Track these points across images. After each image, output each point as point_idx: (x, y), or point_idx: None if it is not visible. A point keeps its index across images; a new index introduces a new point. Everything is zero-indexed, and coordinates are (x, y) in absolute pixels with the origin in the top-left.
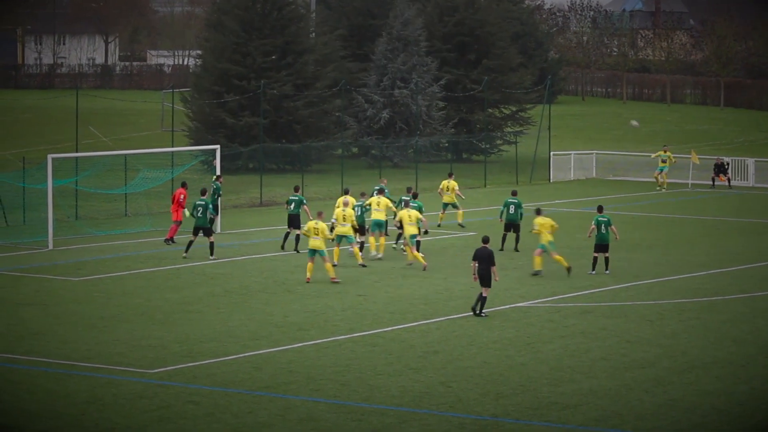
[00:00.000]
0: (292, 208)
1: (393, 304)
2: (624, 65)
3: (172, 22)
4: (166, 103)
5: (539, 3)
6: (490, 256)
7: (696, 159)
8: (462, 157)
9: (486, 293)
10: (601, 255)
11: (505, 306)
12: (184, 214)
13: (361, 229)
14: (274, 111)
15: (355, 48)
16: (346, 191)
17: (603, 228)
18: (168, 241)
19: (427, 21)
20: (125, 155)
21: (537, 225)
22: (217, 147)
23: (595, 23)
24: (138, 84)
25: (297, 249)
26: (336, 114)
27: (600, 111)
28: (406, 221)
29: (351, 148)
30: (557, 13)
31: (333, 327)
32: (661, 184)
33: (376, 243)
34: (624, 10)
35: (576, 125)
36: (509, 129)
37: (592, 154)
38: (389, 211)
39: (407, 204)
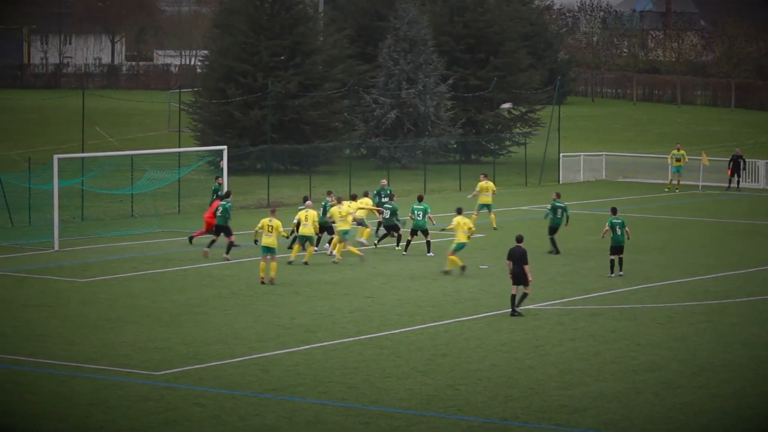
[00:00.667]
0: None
1: (401, 306)
2: (634, 66)
3: (179, 21)
4: (172, 104)
5: (549, 3)
6: (523, 255)
7: (706, 161)
8: (470, 158)
9: (516, 291)
10: (617, 257)
11: None
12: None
13: (329, 229)
14: (281, 109)
15: (363, 48)
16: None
17: (618, 230)
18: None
19: (437, 21)
20: (132, 156)
21: (454, 222)
22: (224, 148)
23: (605, 24)
24: (144, 84)
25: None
26: (345, 114)
27: (610, 112)
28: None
29: (359, 149)
30: (567, 14)
31: (341, 329)
32: (674, 186)
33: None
34: (634, 10)
35: (586, 126)
36: (518, 130)
37: (601, 155)
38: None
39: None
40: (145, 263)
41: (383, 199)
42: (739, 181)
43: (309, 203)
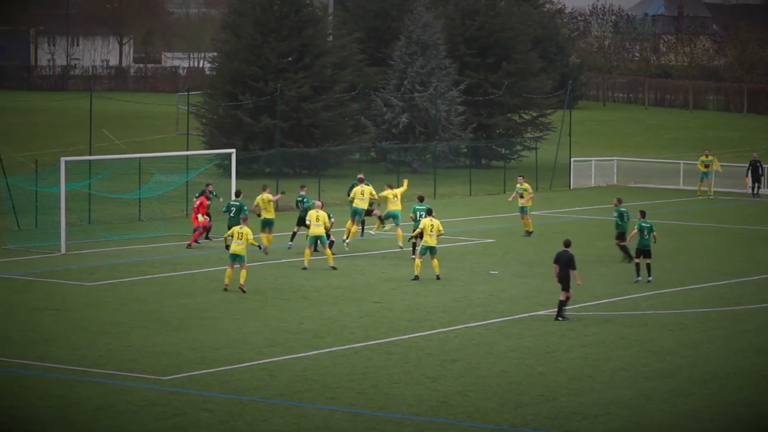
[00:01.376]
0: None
1: (410, 311)
2: (646, 70)
3: (187, 23)
4: (180, 106)
5: (560, 7)
6: (570, 259)
7: (718, 166)
8: (481, 163)
9: (564, 297)
10: (643, 260)
11: (525, 314)
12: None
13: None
14: (291, 113)
15: (373, 51)
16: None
17: (645, 233)
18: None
19: (448, 24)
20: (139, 158)
21: (422, 225)
22: (233, 151)
23: (617, 28)
24: (152, 86)
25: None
26: (356, 117)
27: (621, 117)
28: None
29: (369, 152)
30: (578, 18)
31: (349, 334)
32: (704, 192)
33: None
34: (646, 14)
35: (597, 131)
36: (529, 134)
37: (613, 160)
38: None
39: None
40: (153, 267)
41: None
42: (759, 187)
43: (319, 203)
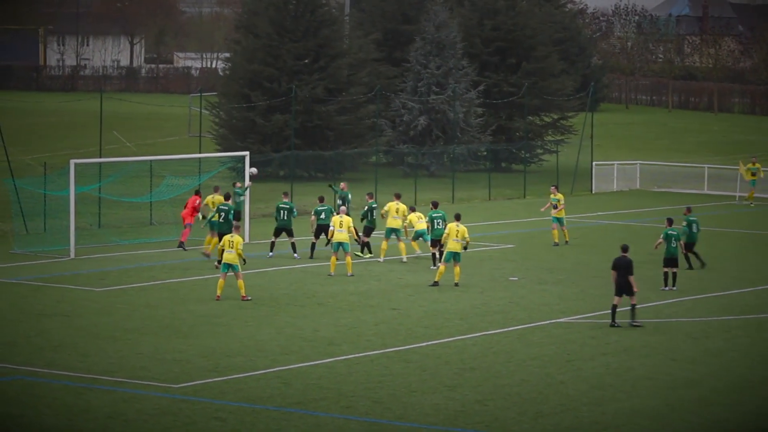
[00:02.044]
0: (322, 217)
1: (428, 318)
2: (670, 72)
3: (200, 23)
4: (193, 107)
5: (582, 7)
6: (628, 265)
7: (743, 171)
8: (501, 167)
9: (617, 301)
10: (670, 270)
11: (545, 321)
12: (197, 218)
13: (289, 232)
14: (306, 115)
15: (390, 52)
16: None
17: (672, 242)
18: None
19: (466, 25)
20: (150, 161)
21: (448, 230)
22: (246, 153)
23: (640, 28)
24: (164, 87)
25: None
26: (371, 120)
27: (644, 120)
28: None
29: (385, 155)
30: (601, 18)
31: (365, 342)
32: (749, 199)
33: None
34: (670, 14)
35: (619, 134)
36: (550, 137)
37: (636, 164)
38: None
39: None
40: (164, 272)
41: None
42: None
43: (343, 208)
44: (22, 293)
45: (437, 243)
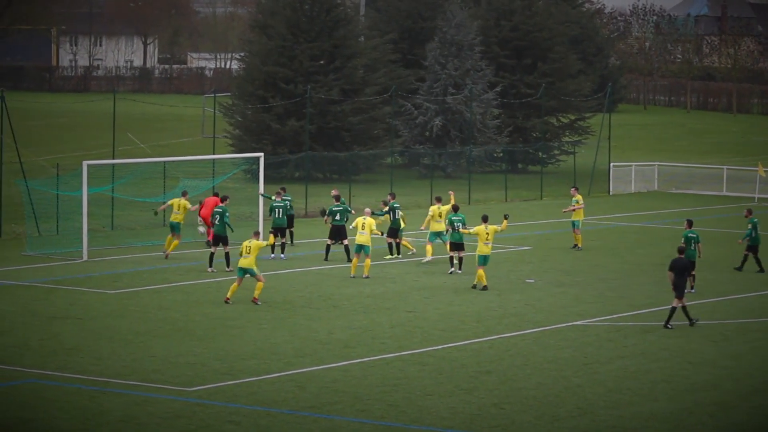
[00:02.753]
0: (337, 218)
1: (444, 321)
2: (688, 73)
3: (214, 23)
4: (207, 108)
5: (599, 7)
6: (686, 266)
7: (762, 172)
8: (517, 168)
9: (677, 303)
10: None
11: (562, 324)
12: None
13: (283, 232)
14: (321, 117)
15: (406, 52)
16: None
17: (692, 245)
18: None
19: (483, 25)
20: (164, 162)
21: (477, 231)
22: (261, 155)
23: (659, 28)
24: (178, 88)
25: (349, 258)
26: (387, 121)
27: (662, 121)
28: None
29: (401, 157)
30: (618, 18)
31: (380, 345)
32: None
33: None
34: (689, 14)
35: (637, 135)
36: (567, 138)
37: (654, 165)
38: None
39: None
40: (177, 274)
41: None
42: None
43: (367, 210)
44: (34, 296)
45: (457, 246)
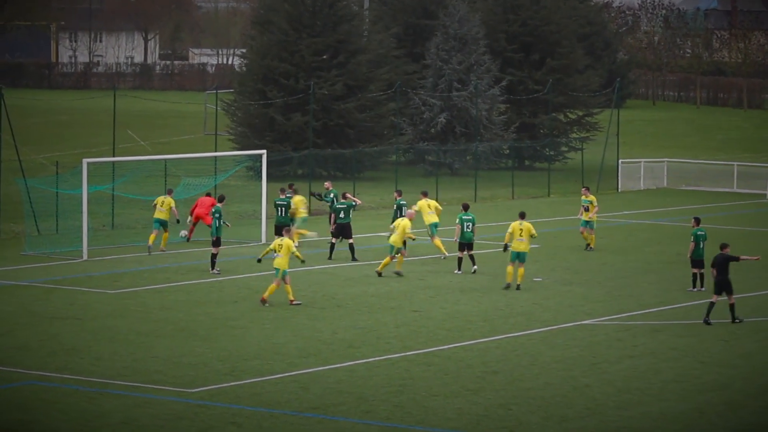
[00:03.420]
0: (341, 216)
1: (450, 320)
2: (698, 68)
3: (215, 18)
4: (209, 105)
5: (608, 1)
6: (726, 261)
7: None
8: (524, 165)
9: (716, 299)
10: (698, 271)
11: (570, 323)
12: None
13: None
14: (325, 113)
15: (411, 47)
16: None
17: (701, 243)
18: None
19: (489, 19)
20: (165, 160)
21: (511, 228)
22: (264, 152)
23: (668, 23)
24: (179, 84)
25: (354, 257)
26: (391, 118)
27: (672, 116)
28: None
29: (406, 153)
30: (627, 12)
31: (385, 345)
32: None
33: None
34: (698, 8)
35: (646, 131)
36: (575, 135)
37: (663, 162)
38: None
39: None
40: (179, 274)
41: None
42: None
43: (411, 212)
44: (34, 296)
45: (466, 246)
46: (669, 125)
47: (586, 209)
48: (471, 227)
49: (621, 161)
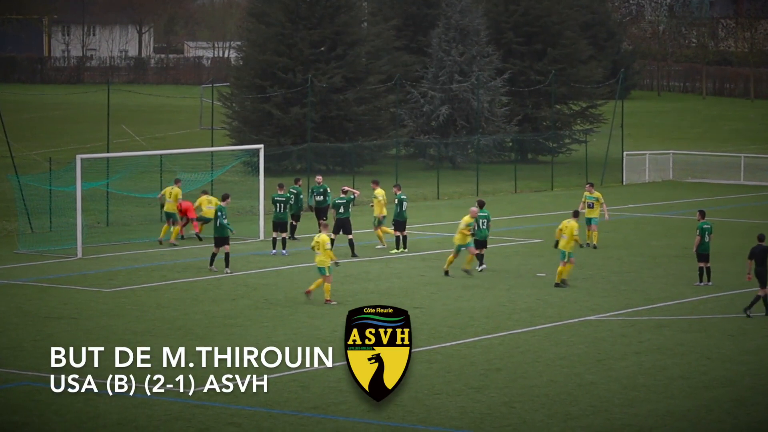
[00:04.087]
0: (341, 211)
1: (452, 317)
2: (703, 57)
3: (211, 10)
4: (204, 99)
5: None
6: (765, 252)
7: None
8: (527, 158)
9: (763, 293)
10: (705, 265)
11: (575, 319)
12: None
13: (284, 226)
14: (323, 106)
15: (410, 39)
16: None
17: (706, 236)
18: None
19: (490, 10)
20: (161, 156)
21: (562, 226)
22: (261, 147)
23: (672, 12)
24: (174, 78)
25: (354, 253)
26: (391, 110)
27: (677, 107)
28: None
29: (407, 147)
30: (631, 1)
31: None
32: None
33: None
34: None
35: (651, 123)
36: (578, 127)
37: (668, 154)
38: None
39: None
40: (176, 272)
41: (317, 198)
42: None
43: (473, 209)
44: (27, 295)
45: (482, 244)
46: (674, 116)
47: (590, 206)
48: (486, 224)
49: (626, 153)
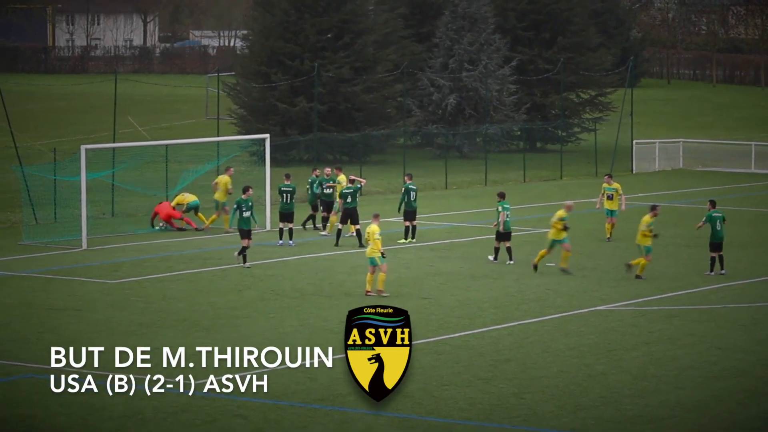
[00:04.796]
0: (348, 201)
1: (460, 307)
2: (713, 45)
3: None
4: (210, 89)
5: None
6: None
7: None
8: (536, 147)
9: None
10: (717, 254)
11: (584, 309)
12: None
13: (290, 217)
14: (330, 96)
15: (418, 27)
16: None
17: (718, 225)
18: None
19: None
20: (166, 146)
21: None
22: (267, 136)
23: None
24: (180, 68)
25: (361, 243)
26: (398, 99)
27: (687, 95)
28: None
29: (414, 136)
30: None
31: None
32: None
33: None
34: None
35: (661, 111)
36: (588, 115)
37: (678, 142)
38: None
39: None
40: (181, 263)
41: (326, 190)
42: None
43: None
44: (31, 287)
45: (504, 236)
46: (684, 104)
47: (609, 198)
48: (508, 216)
49: (635, 142)
